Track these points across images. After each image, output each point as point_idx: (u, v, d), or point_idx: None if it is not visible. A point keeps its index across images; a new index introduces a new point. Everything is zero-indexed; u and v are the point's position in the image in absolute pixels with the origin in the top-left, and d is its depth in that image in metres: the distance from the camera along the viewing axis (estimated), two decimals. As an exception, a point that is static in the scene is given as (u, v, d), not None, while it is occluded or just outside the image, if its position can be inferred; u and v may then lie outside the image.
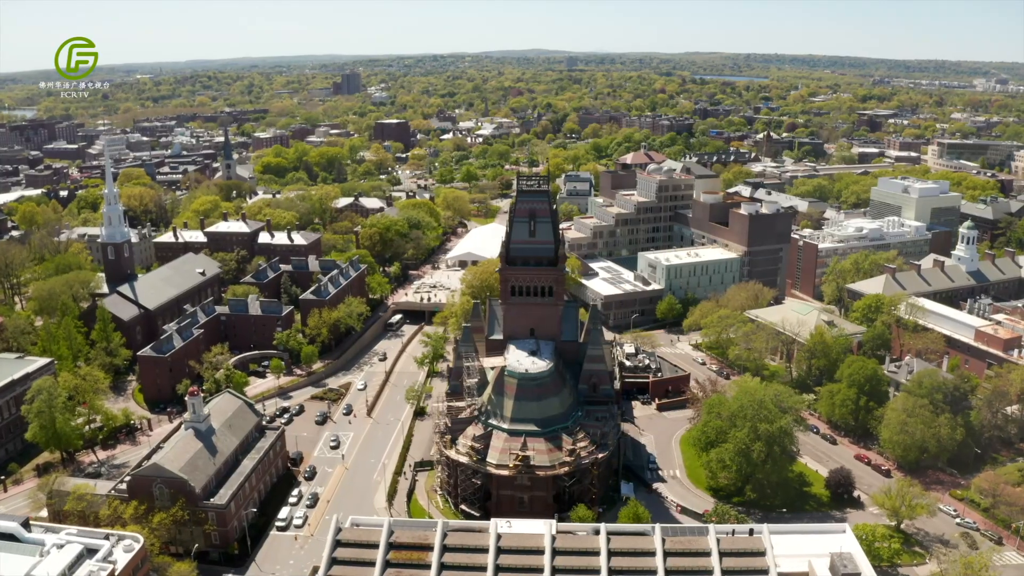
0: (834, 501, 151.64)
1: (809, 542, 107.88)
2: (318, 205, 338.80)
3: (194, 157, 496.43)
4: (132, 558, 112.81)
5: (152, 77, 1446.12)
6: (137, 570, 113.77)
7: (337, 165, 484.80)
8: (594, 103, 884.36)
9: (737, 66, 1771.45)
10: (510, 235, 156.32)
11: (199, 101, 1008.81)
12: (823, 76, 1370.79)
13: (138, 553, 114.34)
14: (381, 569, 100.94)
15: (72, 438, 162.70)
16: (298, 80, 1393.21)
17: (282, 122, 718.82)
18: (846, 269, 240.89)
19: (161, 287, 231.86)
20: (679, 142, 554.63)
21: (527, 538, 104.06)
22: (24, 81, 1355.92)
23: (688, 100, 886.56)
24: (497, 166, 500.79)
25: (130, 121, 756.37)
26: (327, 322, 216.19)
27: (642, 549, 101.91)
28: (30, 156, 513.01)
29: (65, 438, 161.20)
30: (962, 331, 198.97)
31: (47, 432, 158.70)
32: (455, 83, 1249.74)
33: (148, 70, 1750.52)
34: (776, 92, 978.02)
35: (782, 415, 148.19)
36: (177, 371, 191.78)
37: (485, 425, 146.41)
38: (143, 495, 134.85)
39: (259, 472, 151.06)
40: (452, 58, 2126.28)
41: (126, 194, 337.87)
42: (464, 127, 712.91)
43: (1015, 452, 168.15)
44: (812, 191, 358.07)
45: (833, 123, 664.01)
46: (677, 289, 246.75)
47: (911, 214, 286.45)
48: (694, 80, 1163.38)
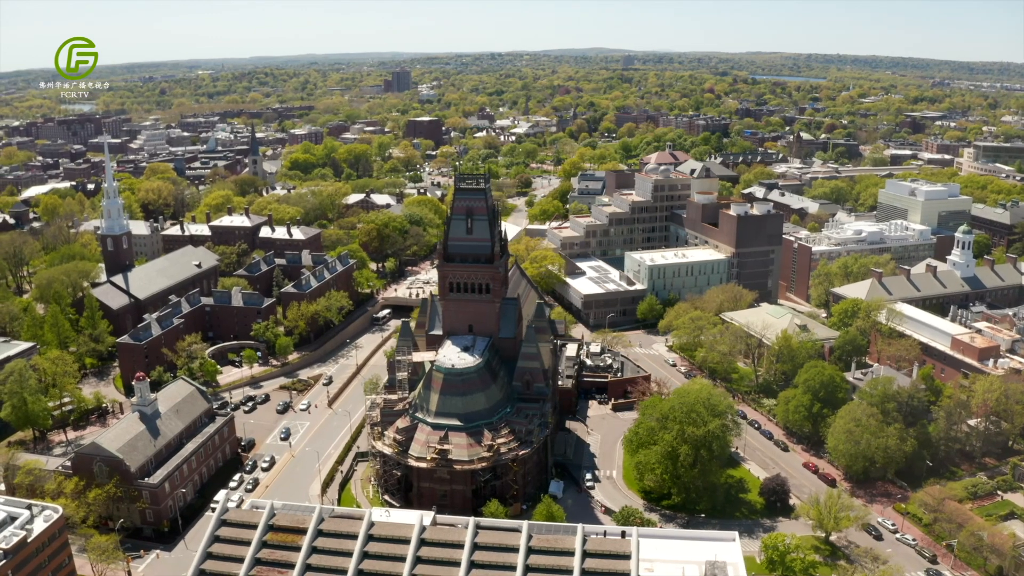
0: (767, 509, 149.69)
1: (691, 549, 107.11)
2: (328, 201, 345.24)
3: (226, 153, 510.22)
4: (49, 527, 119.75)
5: (212, 73, 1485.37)
6: (54, 538, 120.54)
7: (363, 162, 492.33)
8: (639, 102, 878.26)
9: (797, 66, 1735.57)
10: (448, 232, 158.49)
11: (251, 97, 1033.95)
12: (882, 77, 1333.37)
13: (55, 523, 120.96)
14: (256, 548, 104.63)
15: (42, 418, 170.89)
16: (352, 77, 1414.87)
17: (322, 119, 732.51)
18: (833, 272, 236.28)
19: (155, 278, 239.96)
20: (712, 142, 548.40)
21: (398, 528, 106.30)
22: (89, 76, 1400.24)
23: (735, 100, 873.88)
24: (520, 164, 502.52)
25: (178, 116, 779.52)
26: (305, 315, 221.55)
27: (507, 545, 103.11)
28: (72, 150, 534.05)
29: (35, 417, 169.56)
30: (939, 339, 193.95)
31: (19, 412, 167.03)
32: (506, 81, 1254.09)
33: (211, 66, 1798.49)
34: (827, 93, 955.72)
35: (712, 419, 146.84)
36: (153, 358, 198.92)
37: (412, 418, 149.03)
38: (84, 472, 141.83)
39: (201, 456, 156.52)
40: (510, 56, 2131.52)
41: (144, 187, 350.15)
42: (500, 125, 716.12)
43: (977, 467, 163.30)
44: (829, 193, 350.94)
45: (875, 125, 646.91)
46: (660, 290, 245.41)
47: (917, 217, 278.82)
48: (745, 80, 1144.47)
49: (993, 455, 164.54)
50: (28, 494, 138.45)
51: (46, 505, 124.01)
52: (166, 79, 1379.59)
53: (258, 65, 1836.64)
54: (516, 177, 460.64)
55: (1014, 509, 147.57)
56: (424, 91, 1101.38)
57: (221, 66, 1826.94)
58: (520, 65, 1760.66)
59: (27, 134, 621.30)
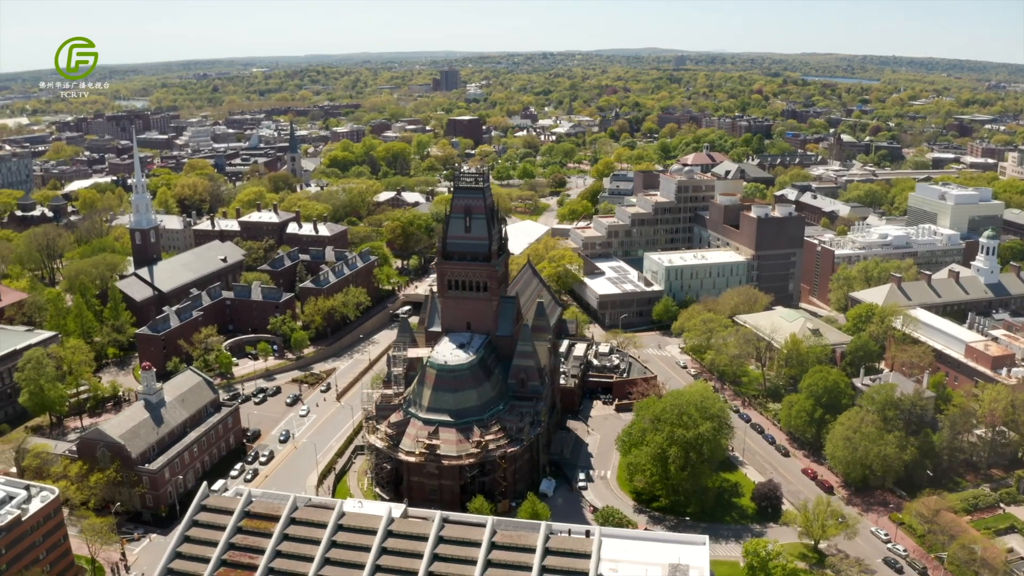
0: (759, 514, 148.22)
1: (659, 551, 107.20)
2: (358, 198, 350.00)
3: (267, 150, 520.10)
4: (44, 507, 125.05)
5: (265, 71, 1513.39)
6: (49, 518, 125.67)
7: (401, 160, 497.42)
8: (686, 103, 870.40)
9: (851, 68, 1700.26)
10: (446, 230, 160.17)
11: (300, 95, 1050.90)
12: (936, 80, 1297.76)
13: (51, 503, 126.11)
14: (230, 533, 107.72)
15: (58, 404, 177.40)
16: (402, 76, 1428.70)
17: (367, 117, 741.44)
18: (852, 276, 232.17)
19: (179, 271, 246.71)
20: (753, 144, 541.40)
21: (368, 519, 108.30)
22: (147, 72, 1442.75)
23: (783, 101, 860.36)
24: (556, 164, 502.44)
25: (226, 113, 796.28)
26: (321, 310, 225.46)
27: (471, 539, 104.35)
28: (119, 145, 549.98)
29: (52, 404, 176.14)
30: (954, 346, 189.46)
31: (36, 398, 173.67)
32: (554, 81, 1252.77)
33: (266, 64, 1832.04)
34: (877, 95, 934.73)
35: (704, 422, 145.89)
36: (171, 349, 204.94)
37: (406, 413, 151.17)
38: (88, 457, 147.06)
39: (203, 444, 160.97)
40: (562, 56, 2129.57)
41: (180, 183, 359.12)
42: (542, 125, 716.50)
43: (983, 478, 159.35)
44: (863, 196, 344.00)
45: (922, 128, 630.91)
46: (677, 291, 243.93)
47: (946, 222, 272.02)
48: (795, 81, 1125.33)
49: (1000, 466, 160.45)
50: (35, 476, 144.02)
51: (43, 486, 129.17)
52: (220, 76, 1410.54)
53: (312, 63, 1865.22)
54: (551, 177, 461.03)
55: (1015, 523, 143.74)
56: (472, 90, 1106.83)
57: (275, 64, 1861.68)
58: (571, 65, 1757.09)
59: (77, 129, 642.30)
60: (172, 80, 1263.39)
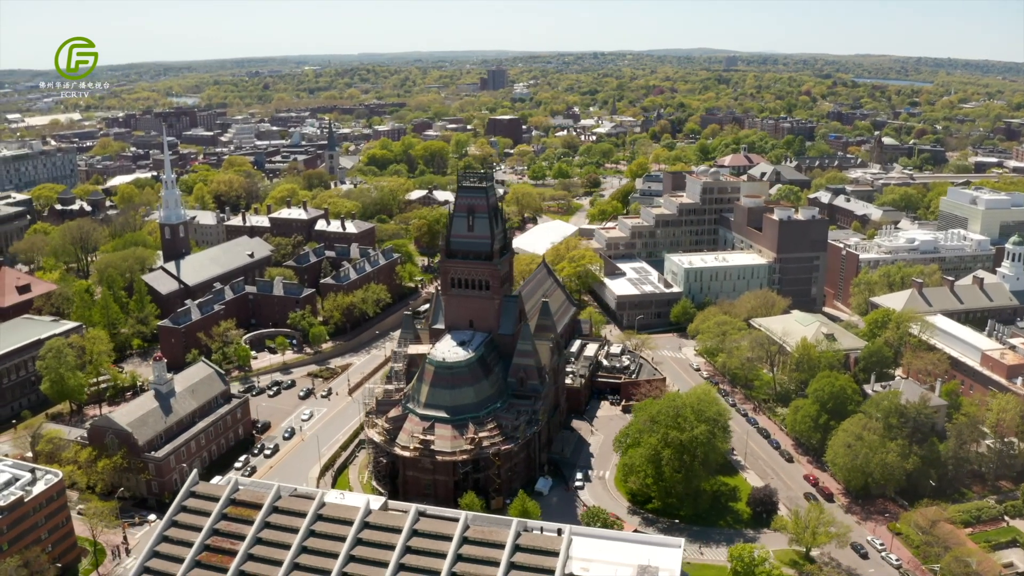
0: (753, 519, 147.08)
1: (632, 552, 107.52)
2: (389, 196, 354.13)
3: (307, 148, 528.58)
4: (47, 489, 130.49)
5: (316, 69, 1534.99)
6: (51, 500, 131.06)
7: (439, 159, 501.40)
8: (732, 104, 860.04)
9: (905, 70, 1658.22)
10: (450, 229, 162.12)
11: (348, 93, 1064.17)
12: (991, 83, 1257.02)
13: (54, 486, 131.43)
14: (215, 519, 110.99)
15: (78, 393, 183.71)
16: (451, 75, 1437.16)
17: (410, 116, 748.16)
18: (873, 281, 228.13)
19: (206, 266, 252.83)
20: (795, 146, 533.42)
21: (346, 510, 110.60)
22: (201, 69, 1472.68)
23: (831, 103, 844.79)
24: (592, 164, 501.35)
25: (272, 111, 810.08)
26: (341, 306, 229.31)
27: (443, 533, 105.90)
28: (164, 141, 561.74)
29: (71, 392, 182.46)
30: (970, 354, 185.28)
31: (56, 386, 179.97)
32: (602, 80, 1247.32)
33: (318, 62, 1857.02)
34: (927, 97, 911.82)
35: (699, 424, 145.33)
36: (191, 341, 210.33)
37: (404, 408, 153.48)
38: (98, 443, 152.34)
39: (211, 434, 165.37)
40: (613, 56, 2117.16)
41: (217, 179, 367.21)
42: (584, 124, 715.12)
43: (990, 490, 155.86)
44: (898, 200, 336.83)
45: (968, 131, 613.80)
46: (696, 293, 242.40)
47: (977, 227, 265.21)
48: (845, 83, 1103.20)
49: (1008, 479, 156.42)
50: (48, 460, 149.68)
51: (48, 470, 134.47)
52: (272, 74, 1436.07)
53: (364, 62, 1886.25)
54: (586, 177, 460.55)
55: (1017, 536, 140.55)
56: (519, 89, 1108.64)
57: (328, 62, 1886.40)
58: (621, 65, 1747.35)
59: (126, 125, 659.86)
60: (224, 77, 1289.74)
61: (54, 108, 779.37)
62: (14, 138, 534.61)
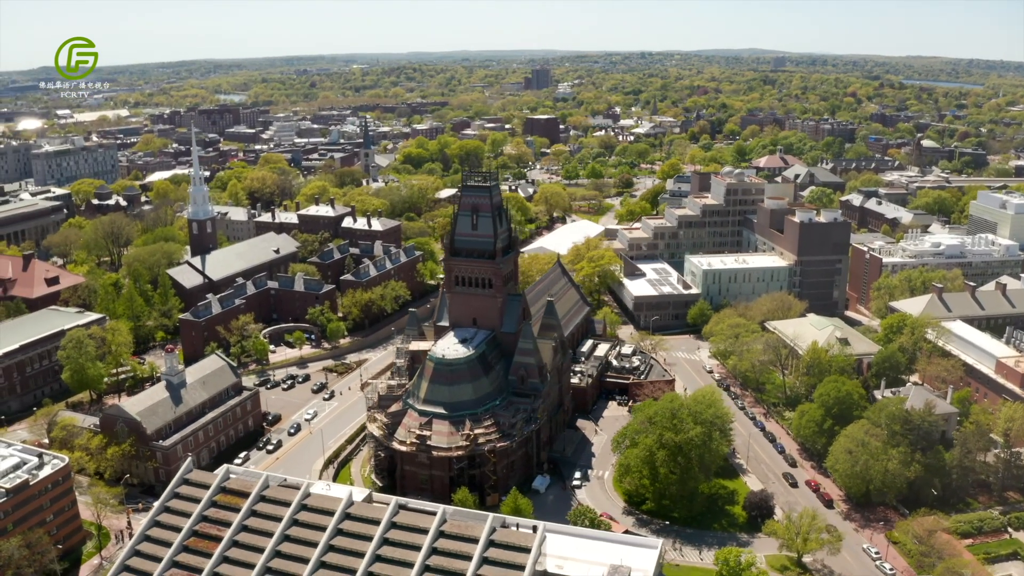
0: (748, 523, 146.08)
1: (608, 551, 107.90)
2: (418, 195, 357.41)
3: (345, 146, 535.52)
4: (52, 473, 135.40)
5: (363, 68, 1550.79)
6: (57, 484, 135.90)
7: (474, 158, 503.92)
8: (776, 104, 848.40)
9: (955, 72, 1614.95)
10: (454, 228, 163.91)
11: (392, 92, 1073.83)
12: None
13: (59, 471, 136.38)
14: (204, 506, 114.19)
15: (97, 382, 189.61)
16: (496, 74, 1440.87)
17: (451, 115, 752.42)
18: (894, 285, 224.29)
19: (232, 261, 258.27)
20: (834, 147, 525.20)
21: (329, 501, 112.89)
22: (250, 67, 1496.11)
23: (876, 105, 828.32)
24: (626, 165, 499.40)
25: (316, 109, 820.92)
26: (359, 302, 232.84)
27: (420, 526, 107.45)
28: (207, 138, 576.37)
29: (91, 382, 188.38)
30: (985, 360, 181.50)
31: (76, 376, 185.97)
32: (647, 80, 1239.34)
33: (367, 60, 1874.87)
34: (975, 100, 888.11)
35: (695, 426, 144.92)
36: (211, 335, 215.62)
37: (404, 404, 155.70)
38: (109, 431, 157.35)
39: (220, 425, 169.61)
40: (660, 56, 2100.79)
41: (250, 176, 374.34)
42: (622, 124, 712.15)
43: (996, 500, 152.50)
44: (932, 203, 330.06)
45: (1013, 134, 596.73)
46: (715, 295, 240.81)
47: (1006, 231, 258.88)
48: (892, 85, 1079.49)
49: (1016, 489, 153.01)
50: (61, 447, 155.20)
51: (55, 455, 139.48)
52: (320, 72, 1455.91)
53: (412, 61, 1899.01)
54: (619, 177, 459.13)
55: (1019, 549, 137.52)
56: (562, 89, 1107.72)
57: (376, 61, 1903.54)
58: (668, 65, 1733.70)
59: (170, 122, 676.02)
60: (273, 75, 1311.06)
61: (104, 104, 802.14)
62: (61, 134, 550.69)
